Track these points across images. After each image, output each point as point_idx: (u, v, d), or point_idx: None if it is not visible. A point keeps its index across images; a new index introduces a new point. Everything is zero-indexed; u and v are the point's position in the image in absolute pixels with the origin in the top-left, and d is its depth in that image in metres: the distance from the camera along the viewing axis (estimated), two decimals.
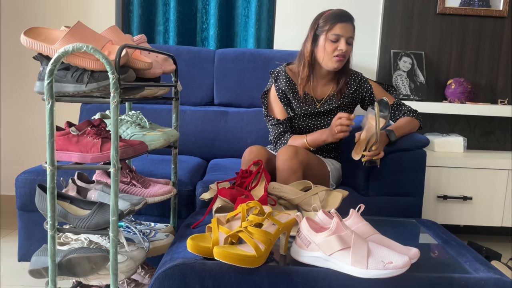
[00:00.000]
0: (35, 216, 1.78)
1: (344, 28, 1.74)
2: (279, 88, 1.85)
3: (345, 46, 1.75)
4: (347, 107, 1.91)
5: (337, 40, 1.75)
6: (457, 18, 2.61)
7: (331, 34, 1.75)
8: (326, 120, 1.87)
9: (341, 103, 1.87)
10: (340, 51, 1.76)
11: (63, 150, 1.26)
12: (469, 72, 2.65)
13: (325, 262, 1.08)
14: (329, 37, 1.75)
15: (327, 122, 1.86)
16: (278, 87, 1.86)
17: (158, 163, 1.97)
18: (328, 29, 1.75)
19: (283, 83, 1.85)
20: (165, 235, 1.53)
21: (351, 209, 1.21)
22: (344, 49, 1.75)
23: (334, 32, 1.74)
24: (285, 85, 1.85)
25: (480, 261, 1.18)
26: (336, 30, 1.74)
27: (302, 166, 1.62)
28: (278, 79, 1.87)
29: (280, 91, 1.85)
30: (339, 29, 1.74)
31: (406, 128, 1.79)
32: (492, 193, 2.31)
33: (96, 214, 1.22)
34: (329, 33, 1.75)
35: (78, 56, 1.17)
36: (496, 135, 2.69)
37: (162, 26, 2.64)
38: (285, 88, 1.85)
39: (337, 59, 1.77)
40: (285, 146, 1.65)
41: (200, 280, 1.07)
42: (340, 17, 1.75)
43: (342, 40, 1.75)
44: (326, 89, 1.88)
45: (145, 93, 1.47)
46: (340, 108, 1.88)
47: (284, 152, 1.62)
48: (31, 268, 1.31)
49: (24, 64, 2.63)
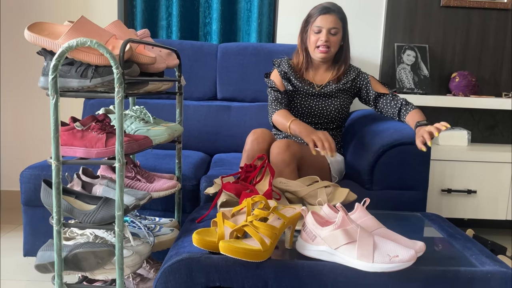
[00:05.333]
0: (40, 211, 1.78)
1: (325, 19, 1.83)
2: (281, 70, 1.95)
3: (325, 37, 1.83)
4: (346, 93, 1.95)
5: (319, 32, 1.85)
6: (461, 10, 2.59)
7: (314, 26, 1.85)
8: (327, 101, 1.92)
9: (340, 87, 1.92)
10: (321, 42, 1.84)
11: (68, 145, 1.26)
12: (473, 65, 2.64)
13: (330, 256, 1.08)
14: (313, 29, 1.86)
15: (327, 104, 1.92)
16: (280, 70, 1.96)
17: (162, 158, 1.97)
18: (312, 21, 1.86)
19: (285, 67, 1.95)
20: (169, 230, 1.53)
21: (356, 203, 1.21)
22: (324, 39, 1.83)
23: (316, 24, 1.85)
24: (287, 68, 1.95)
25: (486, 254, 1.17)
26: (318, 22, 1.85)
27: (295, 159, 1.66)
28: (280, 65, 1.98)
29: (282, 72, 1.95)
30: (320, 21, 1.84)
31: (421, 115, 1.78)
32: (496, 186, 2.30)
33: (101, 209, 1.23)
34: (313, 25, 1.86)
35: (82, 51, 1.16)
36: (500, 129, 2.68)
37: (165, 20, 2.63)
38: (287, 71, 1.94)
39: (319, 50, 1.87)
40: (278, 141, 1.69)
41: (206, 274, 1.08)
42: (322, 10, 1.85)
43: (324, 31, 1.83)
44: (325, 76, 1.96)
45: (149, 88, 1.46)
46: (340, 92, 1.93)
47: (277, 146, 1.67)
48: (37, 263, 1.31)
49: (27, 59, 2.63)
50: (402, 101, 1.85)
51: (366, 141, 1.87)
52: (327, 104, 1.92)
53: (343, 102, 1.94)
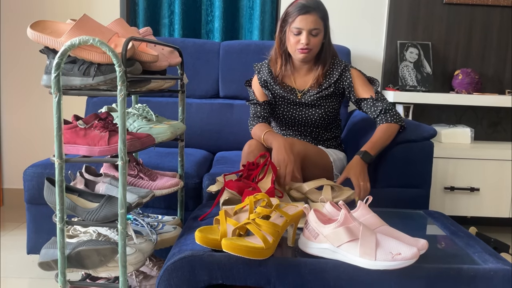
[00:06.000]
0: (43, 209, 1.79)
1: (305, 20, 1.68)
2: (261, 77, 1.86)
3: (306, 39, 1.69)
4: (330, 98, 1.84)
5: (299, 33, 1.71)
6: (464, 7, 2.58)
7: (293, 28, 1.70)
8: (310, 111, 1.83)
9: (322, 94, 1.81)
10: (301, 45, 1.71)
11: (71, 143, 1.26)
12: (476, 63, 2.63)
13: (333, 254, 1.08)
14: (292, 30, 1.71)
15: (310, 113, 1.83)
16: (260, 77, 1.86)
17: (164, 156, 1.98)
18: (291, 21, 1.71)
19: (265, 74, 1.86)
20: (172, 228, 1.53)
21: (358, 201, 1.21)
22: (305, 42, 1.70)
23: (295, 25, 1.70)
24: (267, 75, 1.85)
25: (489, 252, 1.17)
26: (297, 23, 1.70)
27: (299, 157, 1.62)
28: (260, 71, 1.88)
29: (262, 79, 1.85)
30: (299, 22, 1.69)
31: (382, 140, 1.68)
32: (499, 184, 2.30)
33: (104, 207, 1.23)
34: (291, 26, 1.71)
35: (84, 49, 1.16)
36: (503, 126, 2.67)
37: (167, 19, 2.63)
38: (267, 78, 1.85)
39: (300, 52, 1.73)
40: (282, 138, 1.63)
41: (208, 272, 1.08)
42: (301, 9, 1.69)
43: (304, 33, 1.70)
44: (307, 79, 1.85)
45: (152, 86, 1.47)
46: (322, 99, 1.82)
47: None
48: (41, 261, 1.32)
49: (30, 57, 2.64)
50: (382, 109, 1.72)
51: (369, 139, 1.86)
52: (311, 113, 1.83)
53: (328, 108, 1.83)
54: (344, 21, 2.59)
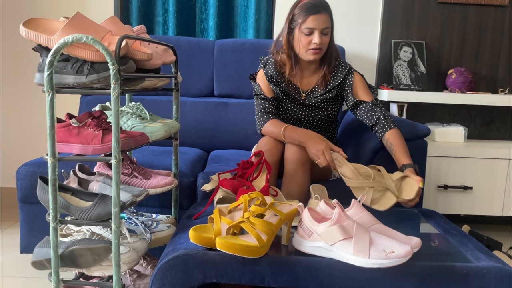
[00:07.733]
0: (36, 208, 1.78)
1: (317, 20, 1.67)
2: (267, 72, 1.83)
3: (319, 39, 1.68)
4: (333, 101, 1.84)
5: (311, 33, 1.69)
6: (458, 7, 2.59)
7: (304, 28, 1.69)
8: (312, 112, 1.82)
9: (326, 96, 1.81)
10: (314, 45, 1.70)
11: (64, 142, 1.26)
12: (469, 62, 2.64)
13: (327, 252, 1.08)
14: (302, 31, 1.69)
15: (313, 114, 1.82)
16: (266, 72, 1.83)
17: (158, 154, 1.97)
18: (301, 22, 1.69)
19: (272, 70, 1.82)
20: (166, 226, 1.53)
21: (352, 199, 1.22)
22: (318, 42, 1.68)
23: (307, 25, 1.68)
24: (273, 72, 1.82)
25: (481, 250, 1.18)
26: (309, 23, 1.68)
27: (310, 158, 1.60)
28: (266, 65, 1.85)
29: (269, 75, 1.82)
30: (311, 22, 1.68)
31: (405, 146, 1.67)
32: (492, 182, 2.31)
33: (98, 206, 1.22)
34: (302, 26, 1.69)
35: (78, 47, 1.16)
36: (496, 125, 2.69)
37: (161, 17, 2.62)
38: (273, 74, 1.82)
39: (313, 52, 1.72)
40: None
41: (202, 271, 1.08)
42: (313, 9, 1.68)
43: (316, 32, 1.68)
44: (312, 79, 1.84)
45: (146, 84, 1.46)
46: (325, 102, 1.82)
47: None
48: (34, 260, 1.31)
49: (24, 56, 2.62)
50: (380, 115, 1.71)
51: (364, 138, 1.87)
52: (313, 115, 1.83)
53: (330, 111, 1.84)
54: (338, 20, 2.57)
